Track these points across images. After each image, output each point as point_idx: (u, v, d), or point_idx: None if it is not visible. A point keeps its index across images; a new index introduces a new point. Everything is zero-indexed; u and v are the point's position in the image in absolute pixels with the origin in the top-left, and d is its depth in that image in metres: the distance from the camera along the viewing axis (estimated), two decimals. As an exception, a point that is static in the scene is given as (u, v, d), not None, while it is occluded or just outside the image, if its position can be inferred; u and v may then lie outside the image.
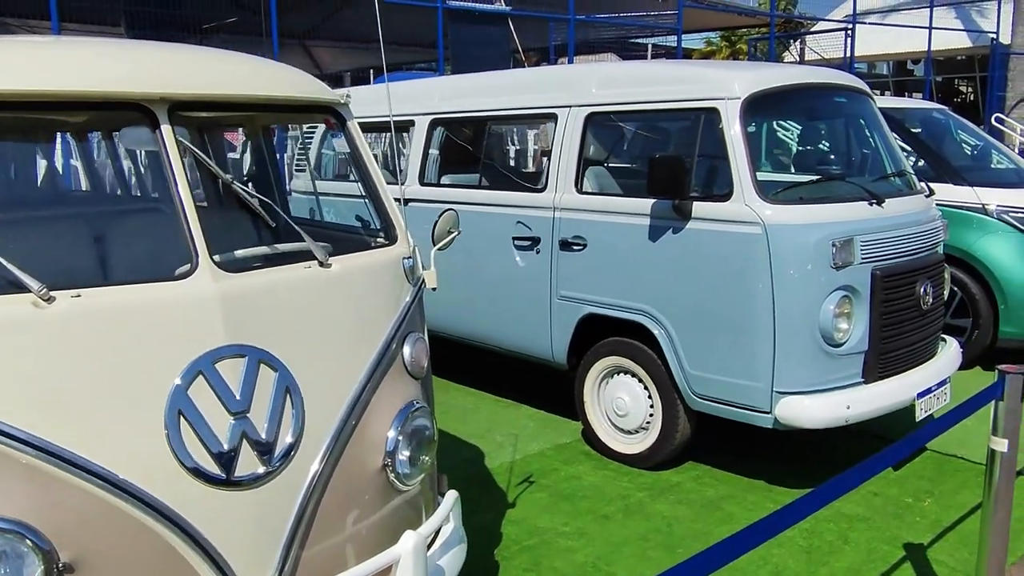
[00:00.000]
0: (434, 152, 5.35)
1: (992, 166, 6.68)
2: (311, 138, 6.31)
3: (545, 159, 4.50)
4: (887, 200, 3.87)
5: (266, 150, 3.09)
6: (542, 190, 4.53)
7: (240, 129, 3.53)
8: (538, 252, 4.56)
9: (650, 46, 26.11)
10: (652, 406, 4.17)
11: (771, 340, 3.64)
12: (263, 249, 2.23)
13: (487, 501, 3.96)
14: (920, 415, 3.81)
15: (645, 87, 4.13)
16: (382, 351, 2.35)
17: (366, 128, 6.50)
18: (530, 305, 4.64)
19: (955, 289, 5.82)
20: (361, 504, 2.25)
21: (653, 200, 3.92)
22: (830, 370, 3.70)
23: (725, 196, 3.73)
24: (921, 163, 6.16)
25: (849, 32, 15.72)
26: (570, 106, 4.44)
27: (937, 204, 5.84)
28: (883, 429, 4.52)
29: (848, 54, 15.69)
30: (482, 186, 5.02)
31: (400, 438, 2.32)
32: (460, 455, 4.52)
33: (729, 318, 3.76)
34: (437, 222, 2.81)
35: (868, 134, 4.42)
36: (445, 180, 5.29)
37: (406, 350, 2.44)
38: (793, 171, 4.36)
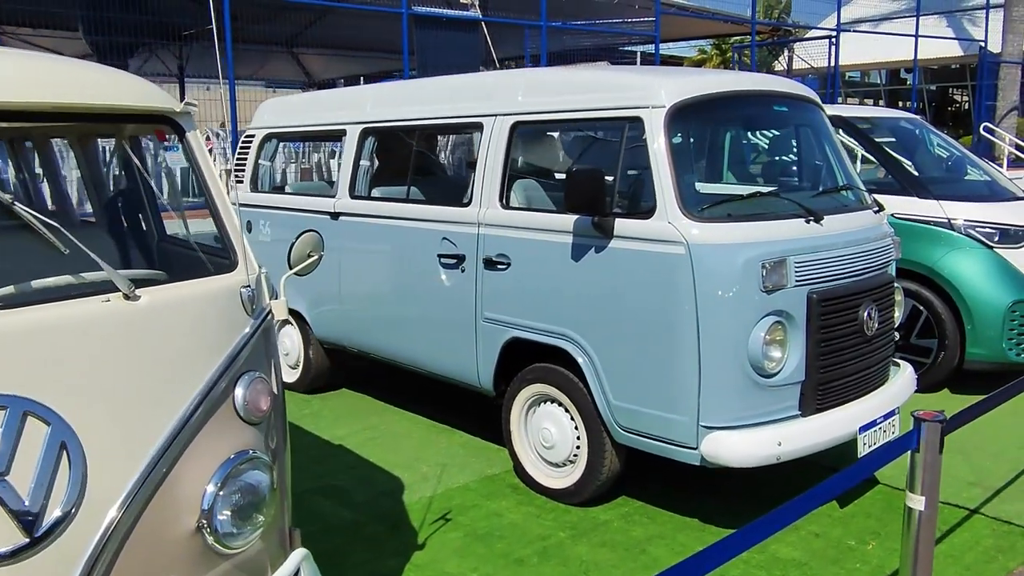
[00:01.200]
0: (365, 163, 5.07)
1: (962, 179, 6.39)
2: (248, 147, 6.02)
3: (472, 172, 4.21)
4: (827, 217, 3.58)
5: (109, 163, 2.81)
6: (467, 205, 4.24)
7: (65, 141, 3.20)
8: (463, 271, 4.26)
9: (639, 54, 25.95)
10: (579, 438, 3.87)
11: (696, 370, 3.34)
12: (51, 280, 1.94)
13: (394, 544, 3.65)
14: (863, 450, 3.50)
15: (572, 95, 3.85)
16: (203, 393, 2.05)
17: (298, 137, 6.26)
18: (456, 327, 4.34)
19: (920, 308, 5.53)
20: (170, 573, 1.95)
21: (576, 217, 3.63)
22: (762, 403, 3.39)
23: (648, 213, 3.44)
24: (886, 176, 5.88)
25: (833, 41, 15.43)
26: (496, 115, 4.16)
27: (901, 218, 5.61)
28: (835, 460, 4.22)
29: (832, 63, 15.41)
30: (410, 199, 4.73)
31: (221, 493, 2.02)
32: (378, 488, 4.22)
33: (652, 345, 3.46)
34: (294, 244, 2.52)
35: (813, 145, 4.13)
36: (376, 193, 5.00)
37: (239, 392, 2.14)
38: (725, 186, 4.05)
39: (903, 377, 4.08)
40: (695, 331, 3.31)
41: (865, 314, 3.61)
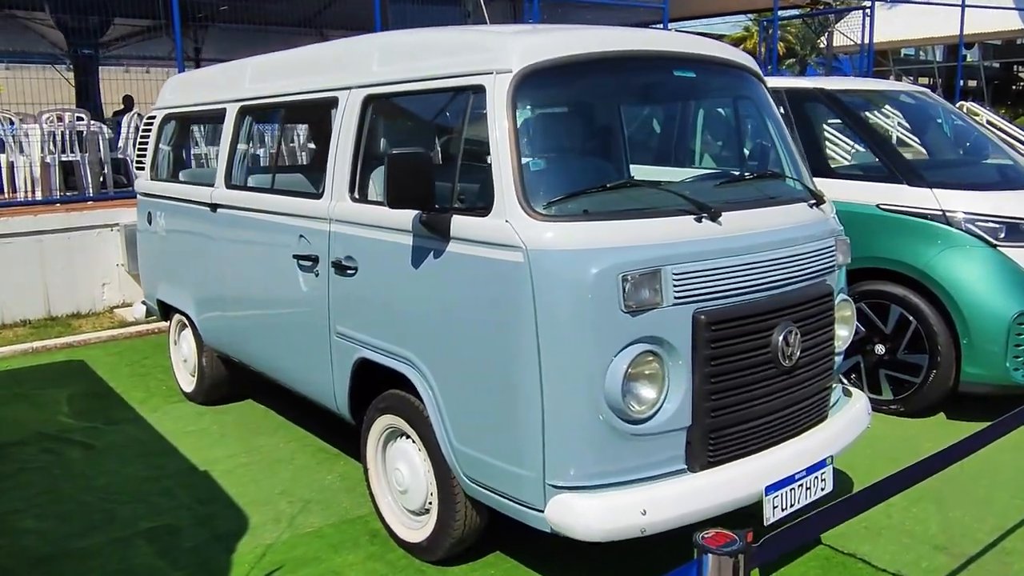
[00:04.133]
0: (242, 147, 4.40)
1: (969, 163, 5.41)
2: (149, 130, 5.42)
3: (327, 158, 3.50)
4: (731, 213, 2.76)
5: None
6: (319, 196, 3.53)
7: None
8: (317, 275, 3.57)
9: (674, 32, 24.75)
10: (432, 484, 3.15)
11: (539, 414, 2.58)
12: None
13: (191, 611, 3.01)
14: (771, 516, 2.70)
15: (424, 60, 3.09)
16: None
17: (193, 119, 5.60)
18: (312, 340, 3.65)
19: (909, 318, 4.62)
20: None
21: (415, 213, 2.90)
22: (629, 456, 2.61)
23: (485, 209, 2.68)
24: (876, 160, 4.96)
25: (867, 13, 14.16)
26: (349, 87, 3.43)
27: (888, 210, 4.71)
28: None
29: (867, 39, 14.15)
30: (273, 190, 4.04)
31: None
32: (217, 530, 3.56)
33: (492, 380, 2.71)
34: None
35: (733, 121, 3.30)
36: (250, 182, 4.33)
37: None
38: (596, 175, 3.20)
39: (850, 413, 3.24)
40: (536, 363, 2.55)
41: (781, 338, 2.79)
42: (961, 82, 26.23)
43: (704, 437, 2.68)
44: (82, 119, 8.25)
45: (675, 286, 2.58)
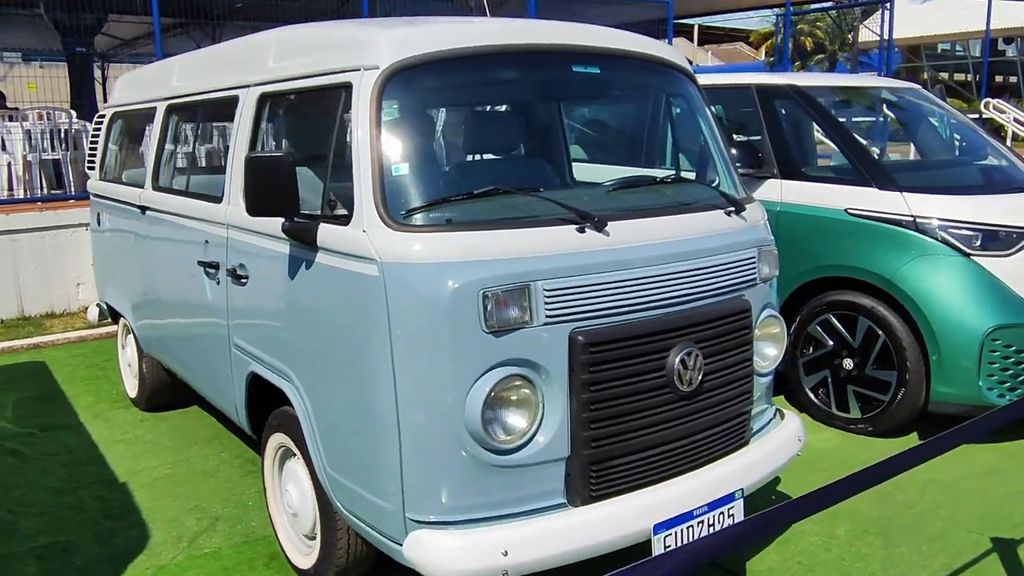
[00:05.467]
0: (170, 148, 4.24)
1: (951, 165, 5.03)
2: (99, 129, 5.30)
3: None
4: (621, 223, 2.50)
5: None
6: (219, 200, 3.35)
7: None
8: (218, 283, 3.39)
9: (696, 27, 24.29)
10: (316, 508, 2.95)
11: (396, 442, 2.36)
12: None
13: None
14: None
15: (309, 56, 2.87)
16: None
17: (136, 117, 5.47)
18: (216, 351, 3.48)
19: (877, 332, 4.30)
20: None
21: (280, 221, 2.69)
22: (497, 489, 2.37)
23: (347, 218, 2.47)
24: (844, 160, 4.64)
25: (887, 7, 13.64)
26: (248, 85, 3.24)
27: (855, 215, 4.40)
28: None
29: (887, 34, 13.63)
30: (187, 193, 3.87)
31: None
32: (114, 549, 3.40)
33: (354, 404, 2.50)
34: None
35: (645, 121, 3.03)
36: (173, 184, 4.16)
37: None
38: (470, 181, 2.92)
39: (773, 440, 2.97)
40: (392, 387, 2.33)
41: (678, 361, 2.53)
42: (999, 78, 25.37)
43: (585, 469, 2.43)
44: (68, 117, 8.22)
45: (547, 303, 2.34)
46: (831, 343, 4.49)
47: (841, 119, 4.73)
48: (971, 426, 2.77)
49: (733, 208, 2.86)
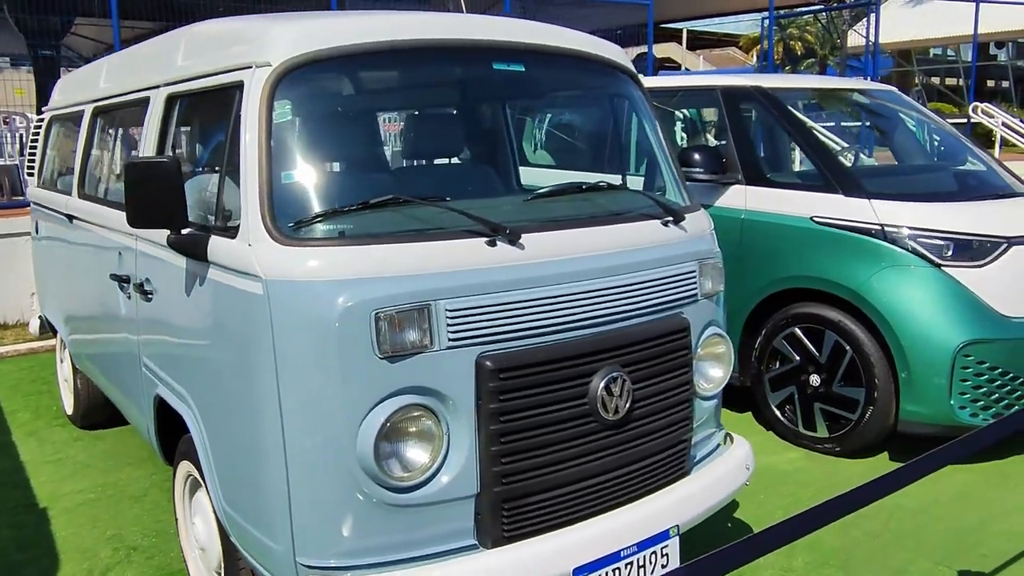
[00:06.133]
0: (96, 153, 4.01)
1: (924, 171, 4.81)
2: (38, 133, 5.07)
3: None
4: (538, 235, 2.28)
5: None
6: (130, 209, 3.12)
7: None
8: (129, 297, 3.16)
9: (685, 31, 24.12)
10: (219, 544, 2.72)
11: (284, 478, 2.13)
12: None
13: None
14: (586, 603, 2.22)
15: (210, 53, 2.65)
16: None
17: (71, 121, 5.23)
18: (128, 370, 3.25)
19: (845, 347, 4.08)
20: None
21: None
22: (397, 530, 2.14)
23: (236, 230, 2.25)
24: (811, 166, 4.42)
25: (872, 10, 13.45)
26: (158, 86, 3.02)
27: (821, 223, 4.18)
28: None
29: (872, 37, 13.43)
30: (106, 201, 3.64)
31: None
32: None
33: (243, 435, 2.28)
34: None
35: (578, 123, 2.81)
36: (97, 192, 3.93)
37: None
38: (371, 190, 2.64)
39: (717, 470, 2.74)
40: (278, 418, 2.10)
41: (602, 386, 2.30)
42: (991, 83, 25.21)
43: (496, 508, 2.20)
44: (25, 121, 7.99)
45: (451, 325, 2.11)
46: (797, 358, 4.26)
47: (816, 123, 4.51)
48: (949, 449, 2.55)
49: (671, 218, 2.64)
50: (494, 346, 2.17)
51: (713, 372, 2.79)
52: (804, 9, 15.59)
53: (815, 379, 4.22)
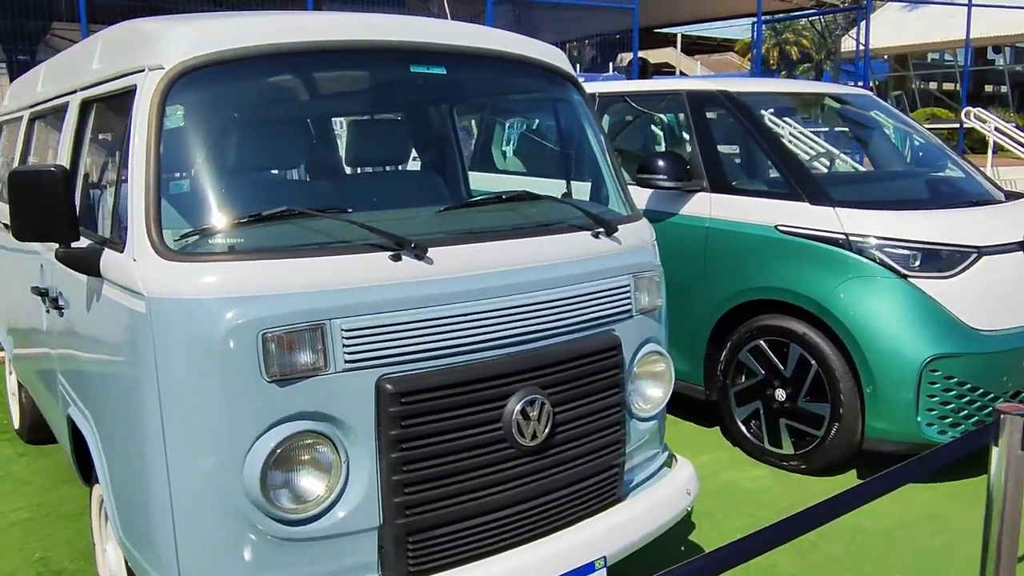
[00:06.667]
0: (32, 161, 3.88)
1: (889, 178, 4.66)
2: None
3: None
4: (446, 248, 2.14)
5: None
6: (47, 219, 2.99)
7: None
8: (48, 312, 3.03)
9: (679, 36, 24.02)
10: None
11: (168, 509, 1.99)
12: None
13: None
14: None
15: (116, 55, 2.51)
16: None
17: (10, 126, 5.10)
18: (49, 387, 3.12)
19: (810, 360, 3.93)
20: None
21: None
22: (293, 566, 1.99)
23: (123, 244, 2.11)
24: (776, 173, 4.28)
25: (861, 15, 13.30)
26: (75, 91, 2.89)
27: (786, 232, 4.03)
28: None
29: (863, 40, 13.29)
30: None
31: None
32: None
33: (131, 461, 2.14)
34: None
35: (505, 130, 2.67)
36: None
37: None
38: (269, 200, 2.48)
39: (654, 495, 2.58)
40: (161, 444, 1.96)
41: (518, 410, 2.16)
42: (989, 87, 25.06)
43: (400, 541, 2.06)
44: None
45: (347, 346, 1.97)
46: (762, 372, 4.11)
47: (791, 128, 4.37)
48: (907, 468, 2.41)
49: (603, 229, 2.49)
50: (397, 368, 2.02)
51: (651, 392, 2.64)
52: (792, 14, 15.46)
53: (781, 394, 4.06)
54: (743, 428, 4.25)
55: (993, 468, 2.14)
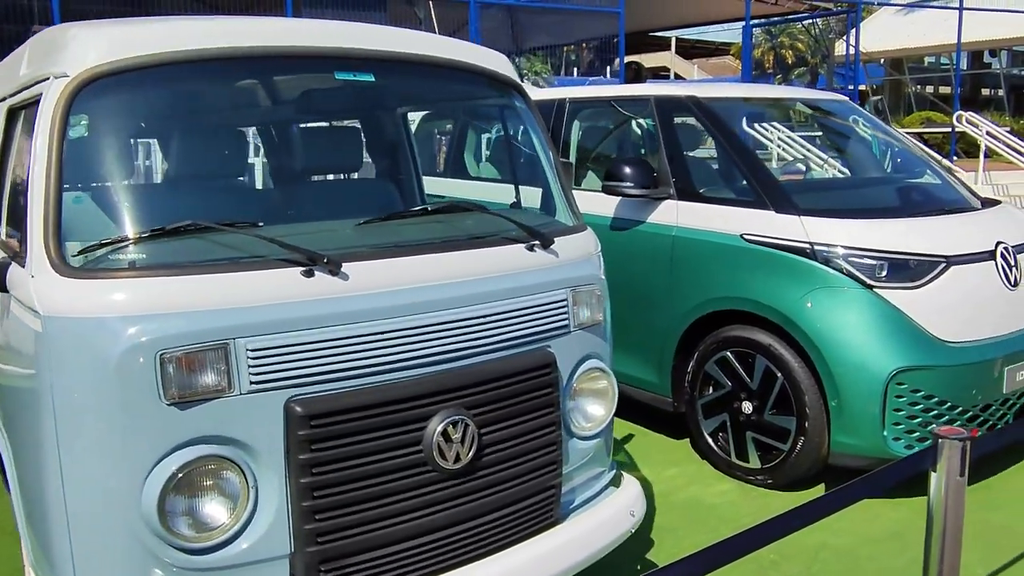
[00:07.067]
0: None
1: (858, 185, 4.56)
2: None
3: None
4: (363, 263, 2.05)
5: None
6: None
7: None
8: (-23, 325, 2.94)
9: (674, 40, 23.96)
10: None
11: (66, 537, 1.90)
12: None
13: None
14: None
15: (35, 62, 2.43)
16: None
17: None
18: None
19: (776, 373, 3.83)
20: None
21: (-7, 257, 2.24)
22: (194, 594, 1.93)
23: (24, 258, 2.02)
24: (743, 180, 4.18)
25: (855, 18, 13.22)
26: (4, 98, 2.80)
27: (751, 241, 3.94)
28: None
29: (861, 46, 13.20)
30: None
31: None
32: None
33: (32, 483, 2.05)
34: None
35: (440, 138, 2.58)
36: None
37: None
38: (173, 213, 2.37)
39: (594, 517, 2.49)
40: (58, 470, 1.87)
41: (439, 432, 2.07)
42: (986, 91, 24.94)
43: (312, 569, 1.96)
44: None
45: (253, 367, 1.88)
46: (729, 384, 4.02)
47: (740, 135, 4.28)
48: (860, 484, 2.32)
49: (537, 241, 2.40)
50: (308, 389, 1.94)
51: (593, 410, 2.55)
52: (782, 18, 15.38)
53: (747, 406, 3.97)
54: (710, 441, 4.15)
55: (932, 495, 2.04)
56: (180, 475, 1.84)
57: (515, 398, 2.23)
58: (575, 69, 16.02)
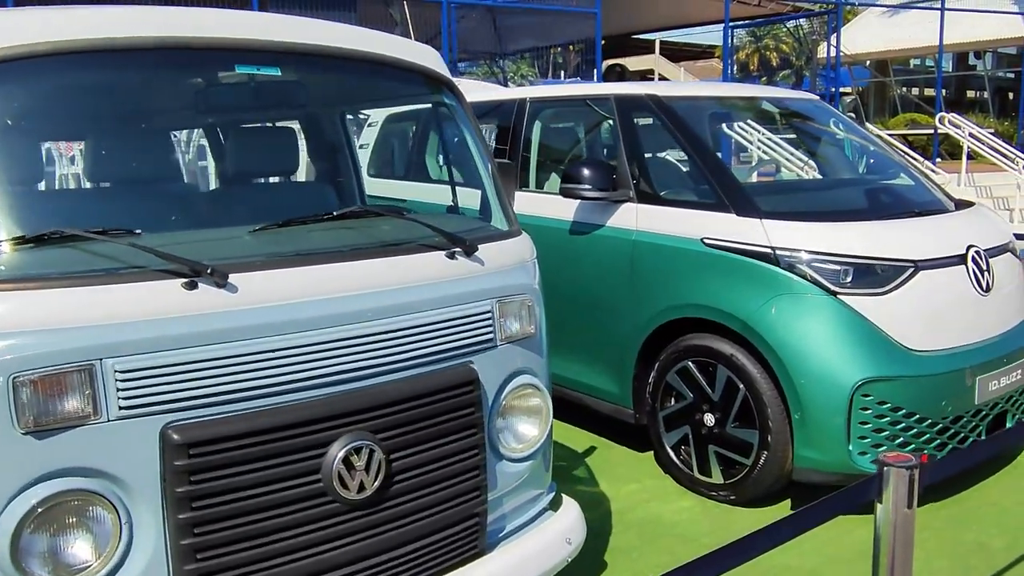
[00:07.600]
0: None
1: (825, 187, 4.40)
2: None
3: None
4: (255, 273, 1.87)
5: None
6: None
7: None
8: None
9: (658, 42, 23.87)
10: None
11: (-85, 580, 1.71)
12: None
13: None
14: None
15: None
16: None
17: None
18: None
19: (739, 384, 3.66)
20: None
21: None
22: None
23: None
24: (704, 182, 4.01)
25: (831, 19, 13.11)
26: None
27: (712, 246, 3.77)
28: None
29: (844, 48, 13.08)
30: None
31: None
32: None
33: None
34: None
35: (351, 138, 2.39)
36: None
37: None
38: (57, 218, 2.21)
39: (528, 544, 2.30)
40: (-95, 508, 1.68)
41: (339, 459, 1.88)
42: (971, 93, 24.92)
43: (193, 609, 1.78)
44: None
45: (123, 390, 1.69)
46: (691, 395, 3.85)
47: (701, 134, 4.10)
48: (822, 504, 2.14)
49: (459, 249, 2.21)
50: (188, 414, 1.74)
51: (525, 429, 2.37)
52: (762, 20, 15.27)
53: (709, 419, 3.79)
54: (672, 455, 3.97)
55: (878, 527, 1.86)
56: (39, 511, 1.65)
57: (430, 419, 2.05)
58: (562, 72, 15.89)
